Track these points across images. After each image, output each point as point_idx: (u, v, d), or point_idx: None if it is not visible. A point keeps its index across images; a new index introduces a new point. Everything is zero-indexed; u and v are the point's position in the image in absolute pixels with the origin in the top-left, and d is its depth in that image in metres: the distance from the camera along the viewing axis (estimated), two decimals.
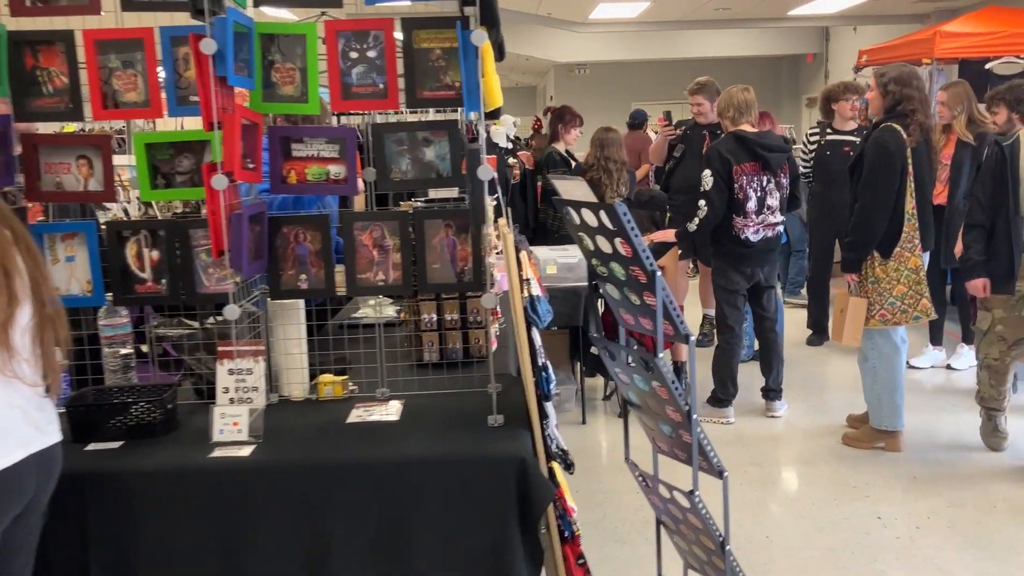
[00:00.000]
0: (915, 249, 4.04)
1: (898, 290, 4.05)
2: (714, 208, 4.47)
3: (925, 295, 4.06)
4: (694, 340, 2.15)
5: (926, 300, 4.06)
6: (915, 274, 4.03)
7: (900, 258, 4.04)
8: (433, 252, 2.58)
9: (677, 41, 14.57)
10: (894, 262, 4.05)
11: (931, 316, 4.11)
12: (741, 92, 4.66)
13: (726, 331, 4.73)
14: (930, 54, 7.62)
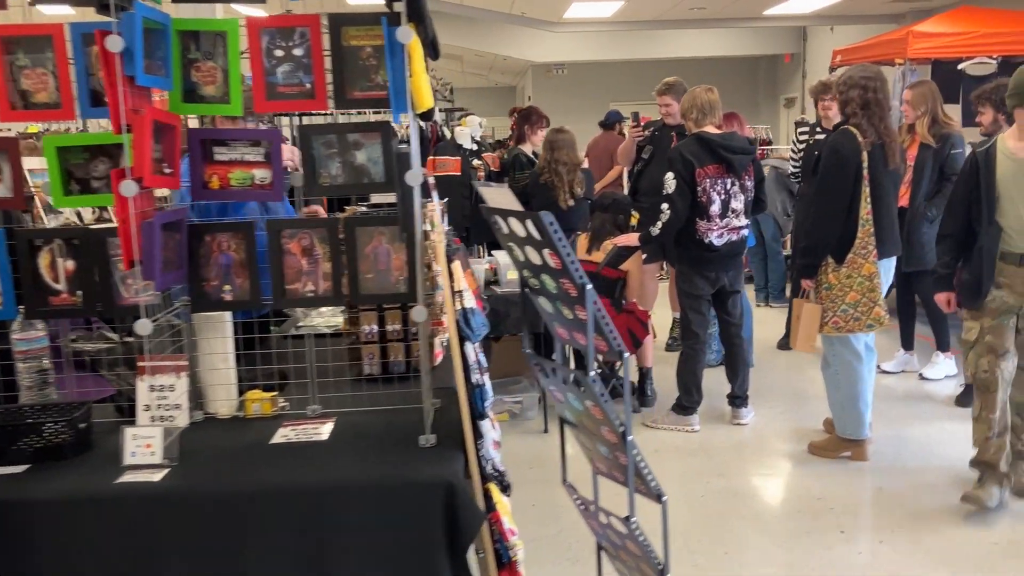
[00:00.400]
0: (869, 256, 3.91)
1: (851, 297, 3.93)
2: (677, 211, 4.36)
3: (879, 303, 3.92)
4: (628, 356, 2.02)
5: (879, 308, 3.93)
6: (869, 281, 3.91)
7: (853, 264, 3.92)
8: (366, 261, 2.44)
9: (655, 41, 14.49)
10: (847, 268, 3.93)
11: (885, 325, 3.97)
12: (705, 92, 4.55)
13: (691, 337, 4.62)
14: (903, 54, 7.54)
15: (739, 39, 14.58)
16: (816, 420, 4.67)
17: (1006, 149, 3.39)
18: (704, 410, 4.85)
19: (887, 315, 3.97)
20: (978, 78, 7.74)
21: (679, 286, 4.65)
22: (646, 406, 5.05)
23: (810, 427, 4.61)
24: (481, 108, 23.43)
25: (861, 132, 3.90)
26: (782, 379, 5.60)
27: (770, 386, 5.46)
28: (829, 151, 4.00)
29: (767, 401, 5.14)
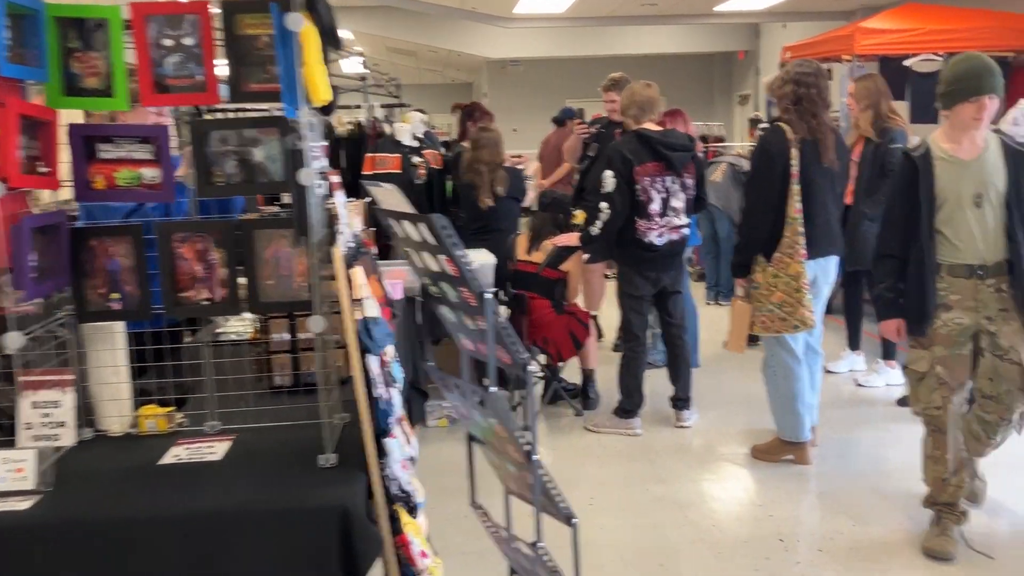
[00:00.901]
0: (796, 255, 3.78)
1: (776, 297, 3.82)
2: (616, 210, 4.24)
3: (804, 304, 3.78)
4: (532, 370, 1.87)
5: (804, 309, 3.78)
6: (795, 281, 3.78)
7: (780, 264, 3.81)
8: (266, 266, 2.28)
9: (610, 38, 14.40)
10: (773, 268, 3.83)
11: (810, 326, 3.82)
12: (644, 88, 4.43)
13: (631, 339, 4.50)
14: (850, 51, 7.52)
15: (693, 36, 14.54)
16: (764, 422, 4.57)
17: (941, 151, 3.11)
18: (649, 412, 4.75)
19: (813, 316, 3.81)
20: (924, 75, 7.76)
21: (619, 287, 4.54)
22: (589, 409, 4.94)
23: (756, 429, 4.52)
24: (437, 105, 23.16)
25: (792, 128, 3.80)
26: (730, 380, 5.52)
27: (717, 387, 5.38)
28: (758, 148, 3.96)
29: (714, 403, 5.05)
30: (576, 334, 4.71)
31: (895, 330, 3.24)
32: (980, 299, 3.10)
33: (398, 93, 8.35)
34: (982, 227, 3.07)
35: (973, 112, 3.02)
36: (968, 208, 3.07)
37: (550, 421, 4.83)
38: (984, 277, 3.09)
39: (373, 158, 5.63)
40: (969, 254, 3.09)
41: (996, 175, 3.07)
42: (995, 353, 3.10)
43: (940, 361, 3.13)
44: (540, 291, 4.67)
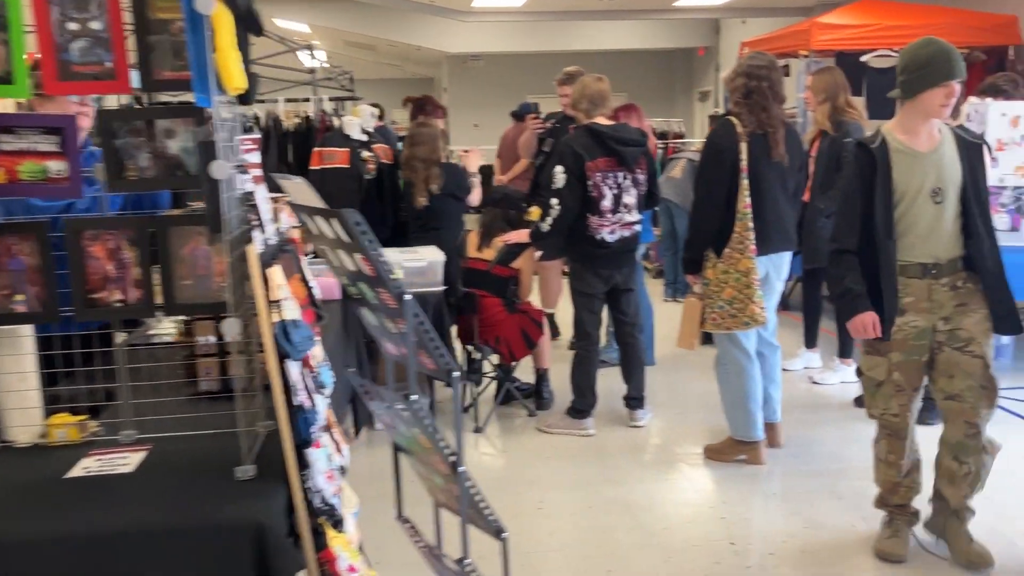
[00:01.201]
0: (746, 251, 3.72)
1: (727, 293, 3.76)
2: (567, 207, 4.15)
3: (755, 300, 3.72)
4: (458, 376, 1.77)
5: (755, 306, 3.72)
6: (745, 277, 3.72)
7: (730, 260, 3.75)
8: (183, 265, 2.14)
9: (571, 33, 14.32)
10: (723, 264, 3.77)
11: (761, 323, 3.77)
12: (594, 82, 4.34)
13: (583, 337, 4.41)
14: (807, 46, 7.52)
15: (654, 32, 14.51)
16: (720, 421, 4.50)
17: (897, 143, 2.95)
18: (603, 411, 4.67)
19: (763, 313, 3.75)
20: (880, 71, 7.78)
21: (571, 285, 4.44)
22: (543, 409, 4.84)
23: (712, 428, 4.46)
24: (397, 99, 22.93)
25: (741, 122, 3.74)
26: (686, 378, 5.46)
27: (673, 385, 5.31)
28: (707, 142, 3.91)
29: (670, 401, 4.99)
30: (529, 333, 4.61)
31: (869, 325, 2.94)
32: (935, 300, 2.95)
33: (351, 86, 8.19)
34: (939, 223, 2.92)
35: (942, 98, 2.85)
36: (925, 203, 2.91)
37: (503, 422, 4.72)
38: (938, 276, 2.94)
39: (320, 152, 5.48)
40: (922, 252, 2.94)
41: (952, 168, 2.94)
42: (954, 346, 2.95)
43: (898, 367, 3.00)
44: (491, 289, 4.56)
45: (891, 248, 2.92)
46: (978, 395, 2.93)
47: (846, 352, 5.27)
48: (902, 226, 2.94)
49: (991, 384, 2.94)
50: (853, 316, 2.97)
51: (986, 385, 2.93)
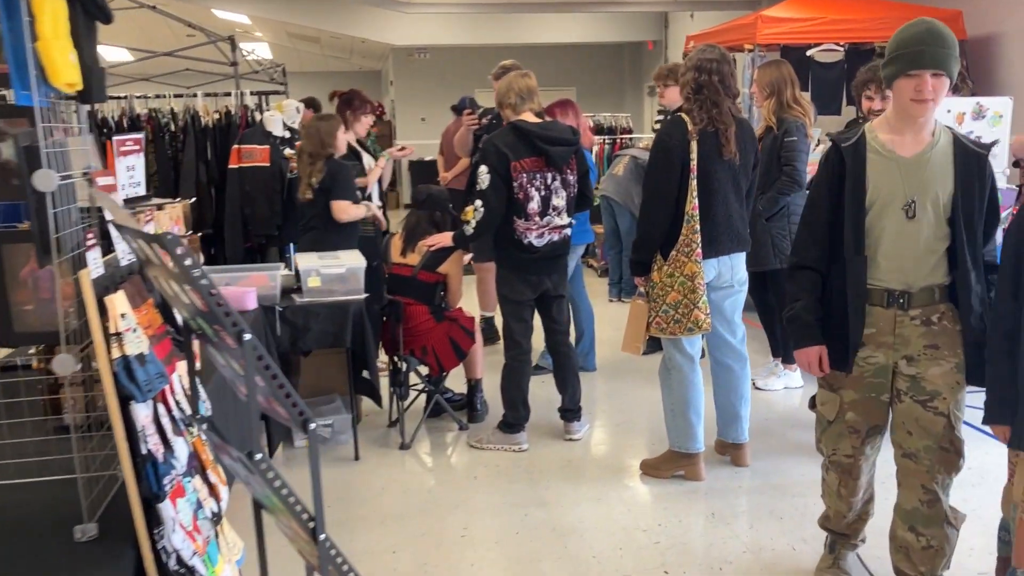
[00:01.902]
0: (692, 254, 3.56)
1: (672, 297, 3.60)
2: (491, 209, 3.90)
3: (699, 306, 3.57)
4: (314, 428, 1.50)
5: (699, 311, 3.57)
6: (690, 281, 3.56)
7: (676, 263, 3.58)
8: (22, 289, 1.85)
9: (519, 26, 14.09)
10: (669, 267, 3.60)
11: (705, 329, 3.61)
12: (520, 78, 4.09)
13: (512, 346, 4.17)
14: (752, 40, 7.35)
15: (602, 25, 14.33)
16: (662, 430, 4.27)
17: (876, 143, 2.50)
18: (540, 422, 4.45)
19: (708, 319, 3.59)
20: (826, 65, 7.65)
21: (499, 291, 4.19)
22: (476, 421, 4.59)
23: (652, 440, 4.27)
24: None
25: (691, 119, 3.57)
26: (629, 384, 5.25)
27: (616, 393, 5.11)
28: (656, 140, 3.71)
29: (611, 410, 4.78)
30: (458, 342, 4.36)
31: (815, 361, 2.59)
32: (900, 334, 2.51)
33: (283, 80, 7.85)
34: (912, 243, 2.46)
35: (911, 91, 2.37)
36: (896, 217, 2.46)
37: (433, 436, 4.46)
38: (907, 307, 2.49)
39: (239, 150, 5.17)
40: (890, 276, 2.49)
41: (939, 180, 2.45)
42: (916, 398, 2.52)
43: (851, 406, 2.61)
44: (417, 296, 4.29)
45: (860, 265, 2.48)
46: (938, 458, 2.50)
47: (790, 356, 5.09)
48: (868, 241, 2.50)
49: (955, 447, 2.50)
50: (799, 347, 2.62)
51: (948, 448, 2.49)
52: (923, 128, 2.47)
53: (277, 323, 3.93)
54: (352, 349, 4.02)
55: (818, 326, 2.57)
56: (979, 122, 4.98)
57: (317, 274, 4.05)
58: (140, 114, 5.65)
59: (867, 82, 4.30)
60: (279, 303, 3.97)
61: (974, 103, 5.00)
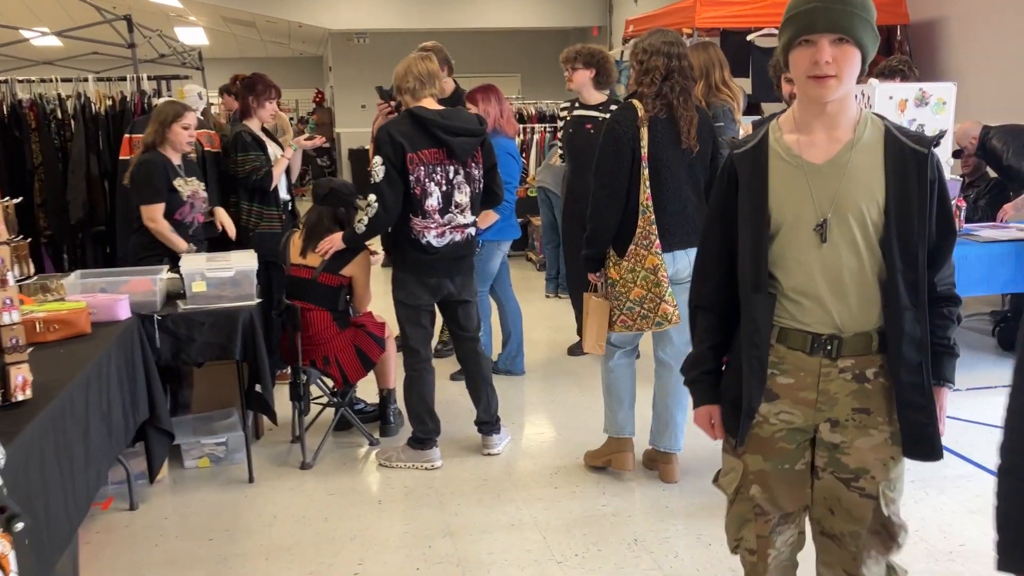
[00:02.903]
0: (652, 247, 3.37)
1: (635, 293, 3.40)
2: (386, 205, 3.54)
3: (666, 298, 3.39)
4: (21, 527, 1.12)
5: (667, 305, 3.39)
6: (653, 275, 3.38)
7: (636, 257, 3.39)
8: None
9: (461, 10, 13.74)
10: (628, 262, 3.40)
11: (675, 322, 3.42)
12: (421, 60, 3.72)
13: (411, 355, 3.81)
14: (691, 23, 7.08)
15: (546, 10, 14.05)
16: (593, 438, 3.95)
17: (782, 146, 1.88)
18: (457, 435, 4.12)
19: (676, 311, 3.38)
20: (767, 50, 7.40)
21: (394, 295, 3.81)
22: (388, 435, 4.23)
23: (579, 449, 3.95)
24: (285, 80, 21.89)
25: (644, 105, 3.35)
26: (560, 388, 4.93)
27: (543, 398, 4.79)
28: (606, 129, 3.41)
29: (537, 418, 4.46)
30: (365, 350, 3.98)
31: (705, 423, 2.05)
32: (826, 391, 1.89)
33: (200, 64, 7.38)
34: (832, 275, 1.85)
35: (806, 65, 1.75)
36: (807, 241, 1.86)
37: (339, 453, 4.08)
38: (835, 356, 1.87)
39: (131, 139, 4.72)
40: (814, 317, 1.87)
41: (864, 190, 1.83)
42: (839, 476, 1.93)
43: (757, 478, 1.97)
44: (319, 301, 3.90)
45: (761, 305, 1.89)
46: (866, 542, 1.93)
47: None
48: (780, 274, 1.90)
49: (888, 530, 1.92)
50: (696, 406, 2.07)
51: (880, 530, 1.92)
52: (837, 121, 1.83)
53: (156, 334, 3.52)
54: (242, 361, 3.64)
55: (711, 380, 2.02)
56: (922, 109, 4.71)
57: (202, 278, 3.64)
58: (22, 100, 5.15)
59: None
60: (159, 311, 3.56)
61: (917, 89, 4.73)
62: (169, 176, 4.12)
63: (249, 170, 4.72)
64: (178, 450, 3.90)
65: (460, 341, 3.93)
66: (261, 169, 4.72)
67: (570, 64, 4.92)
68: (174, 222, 4.13)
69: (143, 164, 4.08)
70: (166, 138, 4.13)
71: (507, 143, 4.81)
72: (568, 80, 5.02)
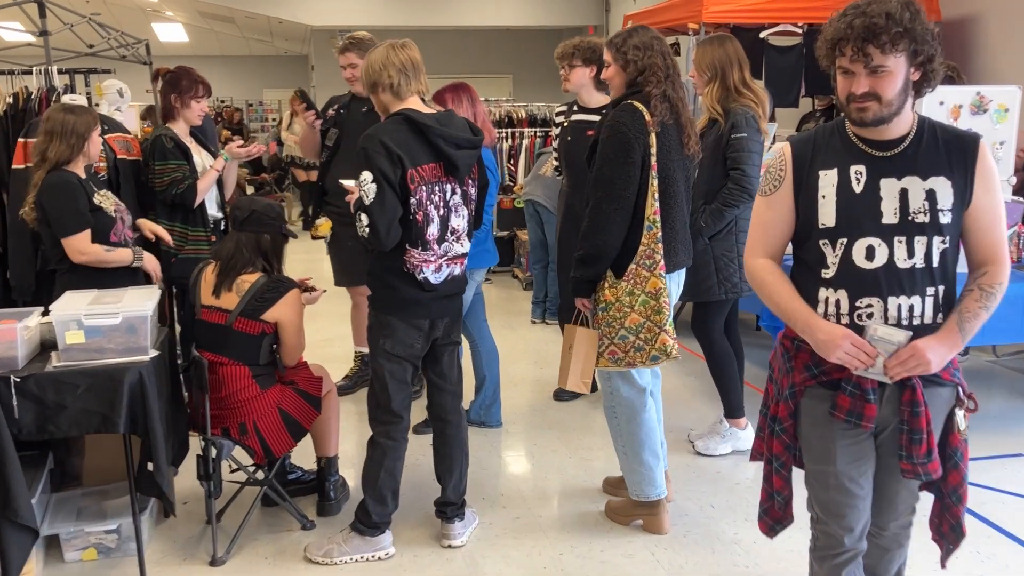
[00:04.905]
0: (656, 267, 2.95)
1: (632, 320, 2.97)
2: (380, 233, 2.75)
3: (666, 328, 2.97)
4: None
5: (666, 335, 2.97)
6: (655, 300, 2.96)
7: (637, 278, 2.96)
8: None
9: (451, 7, 13.09)
10: (627, 283, 2.96)
11: (674, 356, 2.99)
12: (399, 49, 2.92)
13: (388, 420, 3.01)
14: (698, 18, 6.30)
15: (540, 8, 13.39)
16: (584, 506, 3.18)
17: None
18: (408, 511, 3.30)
19: (675, 344, 2.99)
20: (782, 50, 6.63)
21: (373, 342, 2.99)
22: (329, 514, 3.41)
23: (566, 523, 3.15)
24: (268, 79, 21.10)
25: (649, 110, 2.95)
26: (546, 447, 4.11)
27: (521, 460, 3.97)
28: (610, 133, 2.93)
29: (513, 491, 3.63)
30: (294, 414, 3.16)
31: None
32: None
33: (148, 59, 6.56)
34: None
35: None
36: None
37: (263, 541, 3.24)
38: None
39: (26, 144, 3.90)
40: None
41: None
42: None
43: None
44: (235, 353, 3.09)
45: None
46: None
47: (734, 408, 4.00)
48: None
49: None
50: None
51: None
52: None
53: (13, 400, 2.71)
54: (129, 435, 2.82)
55: None
56: (980, 117, 3.93)
57: (79, 326, 2.83)
58: None
59: None
60: (18, 370, 2.75)
61: (973, 94, 3.94)
62: (88, 193, 3.35)
63: (168, 182, 3.91)
64: (52, 541, 3.08)
65: (439, 394, 3.14)
66: (183, 181, 3.91)
67: (567, 61, 4.18)
68: (109, 245, 3.38)
69: (56, 188, 3.27)
70: (85, 152, 3.36)
71: (483, 154, 3.98)
72: (564, 80, 4.26)
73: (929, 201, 1.94)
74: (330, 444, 3.41)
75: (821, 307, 2.03)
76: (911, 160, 1.96)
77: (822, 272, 2.03)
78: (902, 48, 1.85)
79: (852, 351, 1.95)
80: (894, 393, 2.01)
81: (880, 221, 1.95)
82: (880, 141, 1.98)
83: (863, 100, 1.89)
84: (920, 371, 1.94)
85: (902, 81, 1.89)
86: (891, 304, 1.96)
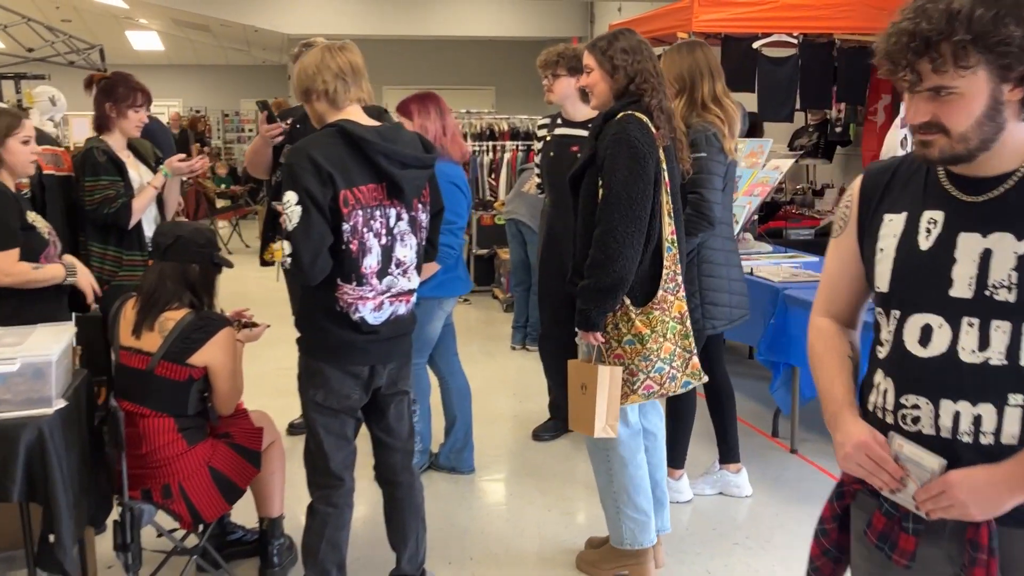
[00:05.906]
0: (678, 290, 2.78)
1: (666, 350, 2.75)
2: (303, 263, 2.32)
3: (693, 351, 2.84)
4: None
5: (695, 358, 2.84)
6: (681, 325, 2.79)
7: (664, 304, 2.74)
8: None
9: (430, 17, 12.80)
10: (658, 311, 2.71)
11: (702, 379, 2.89)
12: (336, 52, 2.52)
13: (327, 483, 2.58)
14: (687, 27, 5.93)
15: (523, 18, 13.13)
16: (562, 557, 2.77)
17: None
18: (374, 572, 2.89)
19: (701, 369, 2.89)
20: (775, 61, 6.29)
21: (306, 395, 2.57)
22: None
23: None
24: (244, 89, 20.66)
25: (653, 122, 2.71)
26: (523, 496, 3.69)
27: (496, 512, 3.54)
28: (620, 147, 2.62)
29: (484, 552, 3.21)
30: (228, 473, 2.73)
31: None
32: None
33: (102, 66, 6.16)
34: None
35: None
36: None
37: None
38: None
39: None
40: None
41: None
42: None
43: None
44: (158, 403, 2.66)
45: None
46: None
47: (728, 453, 3.62)
48: None
49: None
50: None
51: None
52: None
53: None
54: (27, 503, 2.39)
55: None
56: None
57: None
58: None
59: None
60: None
61: None
62: (22, 209, 2.94)
63: (100, 199, 3.48)
64: None
65: (386, 452, 2.69)
66: (116, 199, 3.48)
67: (550, 70, 3.82)
68: None
69: None
70: (3, 161, 2.94)
71: (452, 170, 3.56)
72: (548, 90, 3.90)
73: (1020, 272, 1.35)
74: (273, 504, 2.98)
75: (874, 395, 1.52)
76: (1009, 210, 1.37)
77: (878, 350, 1.53)
78: (973, 62, 1.29)
79: (869, 466, 1.45)
80: (958, 527, 1.42)
81: (947, 292, 1.41)
82: (972, 179, 1.41)
83: (925, 132, 1.37)
84: (955, 514, 1.39)
85: (983, 106, 1.32)
86: (944, 409, 1.40)
